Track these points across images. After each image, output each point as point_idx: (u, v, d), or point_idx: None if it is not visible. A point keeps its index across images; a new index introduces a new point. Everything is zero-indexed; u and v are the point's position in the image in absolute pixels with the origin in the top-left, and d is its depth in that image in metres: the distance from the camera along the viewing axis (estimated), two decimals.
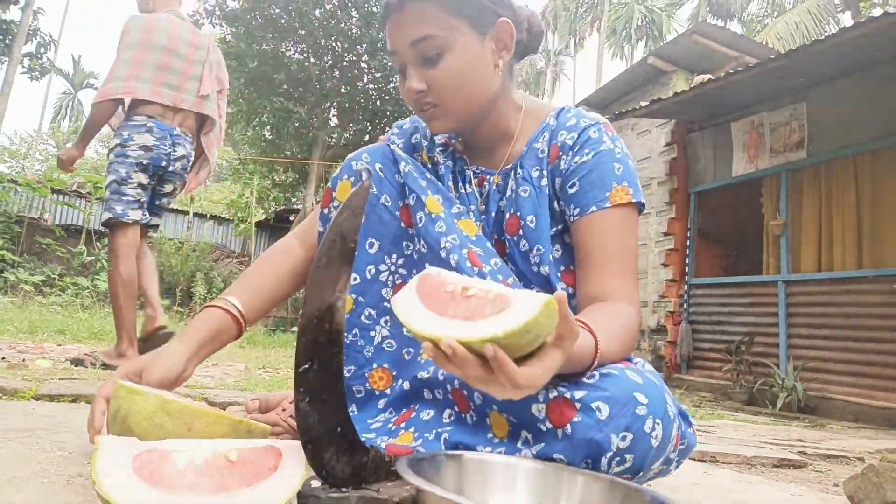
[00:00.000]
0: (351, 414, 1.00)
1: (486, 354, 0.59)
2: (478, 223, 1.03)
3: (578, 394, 0.75)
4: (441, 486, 0.61)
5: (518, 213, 1.01)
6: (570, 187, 0.98)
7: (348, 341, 1.01)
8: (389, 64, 13.53)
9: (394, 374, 1.00)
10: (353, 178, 1.05)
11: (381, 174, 1.03)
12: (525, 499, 0.72)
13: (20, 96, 73.15)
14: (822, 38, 4.47)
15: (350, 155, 1.08)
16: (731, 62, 6.97)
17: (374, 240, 1.02)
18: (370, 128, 14.53)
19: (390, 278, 1.02)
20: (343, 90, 13.75)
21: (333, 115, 14.79)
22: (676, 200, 6.61)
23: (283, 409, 1.10)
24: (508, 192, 1.04)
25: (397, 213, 1.02)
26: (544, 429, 0.77)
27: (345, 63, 13.94)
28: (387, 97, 14.06)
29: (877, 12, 4.52)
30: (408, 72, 0.98)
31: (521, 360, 0.62)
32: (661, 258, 6.69)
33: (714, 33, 7.20)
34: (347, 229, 0.68)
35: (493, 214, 1.05)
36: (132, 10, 3.15)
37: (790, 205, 5.51)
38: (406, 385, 0.98)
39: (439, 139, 1.13)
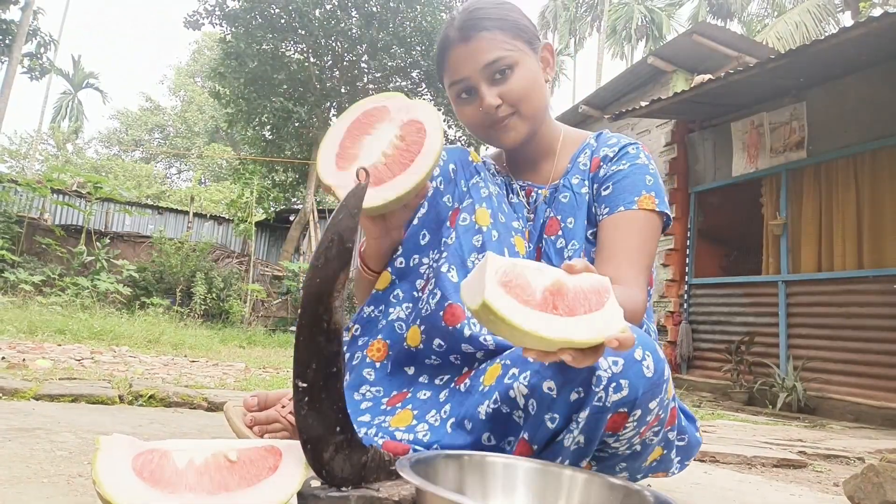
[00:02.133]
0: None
1: (611, 346, 0.66)
2: (524, 229, 1.12)
3: None
4: (441, 486, 0.61)
5: (559, 217, 1.11)
6: (605, 190, 1.09)
7: (373, 316, 1.05)
8: (390, 64, 13.54)
9: (389, 353, 1.03)
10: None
11: (451, 175, 1.09)
12: (525, 499, 0.72)
13: (20, 96, 73.17)
14: (822, 38, 4.46)
15: None
16: (731, 62, 6.96)
17: (427, 232, 1.06)
18: None
19: (427, 272, 1.05)
20: (343, 90, 13.75)
21: (333, 115, 14.78)
22: (676, 200, 6.61)
23: (283, 406, 1.11)
24: (555, 203, 1.14)
25: (449, 214, 1.06)
26: (532, 359, 0.79)
27: (345, 63, 13.93)
28: None
29: (877, 12, 4.51)
30: (481, 90, 1.07)
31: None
32: (661, 258, 6.69)
33: (714, 33, 7.19)
34: (345, 229, 0.68)
35: (541, 223, 1.14)
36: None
37: (790, 205, 5.51)
38: (393, 359, 1.02)
39: (489, 160, 1.22)
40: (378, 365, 1.02)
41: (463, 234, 1.02)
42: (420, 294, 1.03)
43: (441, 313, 0.96)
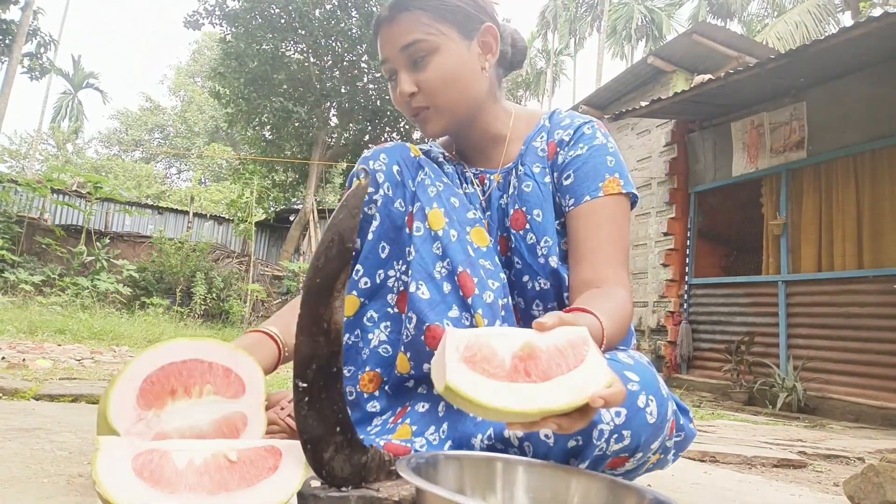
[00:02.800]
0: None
1: (594, 405, 0.59)
2: (484, 220, 1.06)
3: None
4: (441, 486, 0.61)
5: (524, 208, 1.04)
6: (566, 179, 1.03)
7: (350, 343, 1.01)
8: None
9: (384, 379, 1.00)
10: (361, 178, 1.05)
11: (398, 177, 1.04)
12: (525, 499, 0.72)
13: (20, 96, 73.23)
14: (822, 38, 4.46)
15: (366, 153, 1.08)
16: (731, 62, 6.96)
17: (385, 244, 1.02)
18: (370, 128, 14.52)
19: (396, 284, 1.02)
20: (343, 90, 13.74)
21: (333, 115, 14.78)
22: (676, 200, 6.61)
23: (282, 409, 1.10)
24: (511, 190, 1.07)
25: (406, 219, 1.02)
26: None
27: (345, 63, 13.92)
28: (387, 97, 14.04)
29: (877, 12, 4.51)
30: (399, 76, 1.02)
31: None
32: (661, 258, 6.69)
33: (714, 33, 7.19)
34: (345, 229, 0.68)
35: (496, 211, 1.08)
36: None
37: (790, 205, 5.51)
38: (391, 385, 1.00)
39: (439, 148, 1.15)
40: (378, 394, 1.00)
41: (421, 245, 0.97)
42: (395, 310, 1.00)
43: (422, 338, 0.92)
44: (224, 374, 0.78)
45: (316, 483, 0.67)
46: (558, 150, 1.05)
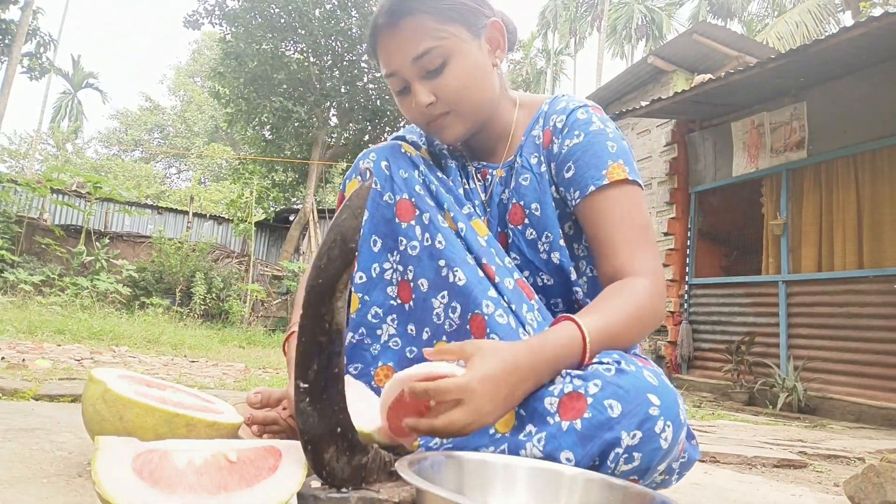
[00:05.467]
0: None
1: None
2: (482, 218, 1.04)
3: (592, 389, 0.75)
4: (441, 486, 0.61)
5: (521, 203, 1.01)
6: (567, 171, 0.98)
7: (356, 340, 1.01)
8: None
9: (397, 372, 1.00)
10: (359, 177, 1.05)
11: (386, 171, 1.02)
12: (525, 499, 0.72)
13: (20, 96, 73.22)
14: (822, 38, 4.46)
15: (360, 156, 1.08)
16: (731, 62, 6.97)
17: (377, 237, 1.01)
18: (370, 127, 14.52)
19: (394, 276, 1.01)
20: (343, 90, 13.74)
21: (333, 114, 14.78)
22: (676, 200, 6.61)
23: (284, 408, 1.10)
24: (512, 184, 1.04)
25: (394, 209, 1.01)
26: (552, 422, 0.76)
27: (345, 63, 13.93)
28: (387, 97, 14.05)
29: (877, 12, 4.51)
30: (413, 88, 0.97)
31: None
32: (661, 258, 6.68)
33: (714, 33, 7.20)
34: (348, 229, 0.67)
35: (497, 207, 1.05)
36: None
37: (790, 205, 5.51)
38: None
39: None
40: None
41: (447, 238, 0.97)
42: (398, 301, 1.00)
43: (468, 327, 0.92)
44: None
45: (316, 483, 0.67)
46: (553, 138, 1.01)
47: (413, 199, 1.00)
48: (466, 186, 1.08)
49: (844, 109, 5.04)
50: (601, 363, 0.78)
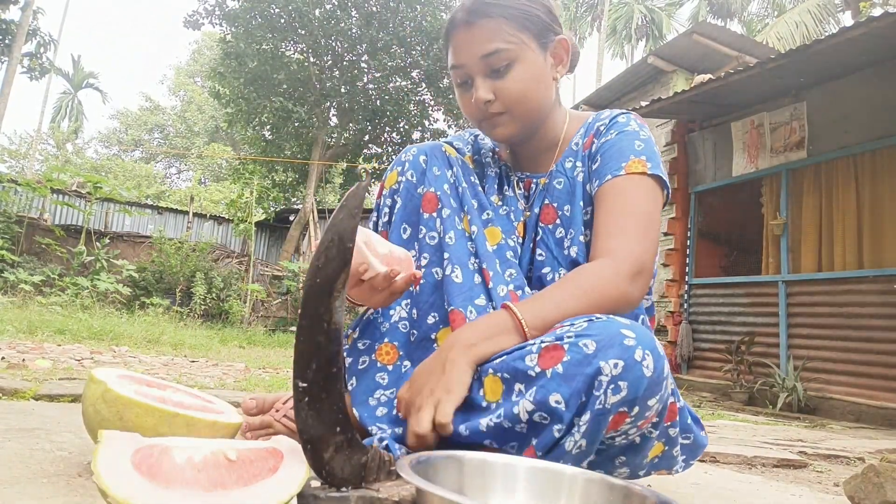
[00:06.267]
0: (350, 388, 1.01)
1: None
2: (517, 222, 1.09)
3: (567, 338, 0.78)
4: (441, 486, 0.61)
5: (555, 204, 1.08)
6: (594, 164, 1.05)
7: (371, 318, 1.05)
8: (389, 64, 13.54)
9: (400, 353, 1.02)
10: (399, 168, 1.11)
11: (423, 165, 1.09)
12: (525, 499, 0.72)
13: (20, 96, 73.28)
14: (822, 38, 4.46)
15: (402, 152, 1.15)
16: (731, 62, 6.97)
17: (407, 225, 1.07)
18: (370, 128, 14.53)
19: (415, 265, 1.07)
20: (343, 90, 13.74)
21: (333, 114, 14.79)
22: (676, 200, 6.61)
23: (276, 410, 1.10)
24: (550, 189, 1.11)
25: (421, 200, 1.07)
26: (536, 374, 0.78)
27: (345, 63, 13.93)
28: (387, 97, 14.06)
29: (877, 12, 4.51)
30: (476, 82, 1.03)
31: None
32: (661, 258, 6.68)
33: (714, 33, 7.20)
34: (345, 229, 0.67)
35: (537, 212, 1.10)
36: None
37: (790, 205, 5.51)
38: (408, 365, 1.01)
39: (488, 144, 1.19)
40: (391, 367, 1.01)
41: (458, 238, 1.03)
42: (414, 289, 1.04)
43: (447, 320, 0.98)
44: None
45: (316, 483, 0.67)
46: (594, 140, 1.08)
47: (438, 194, 1.05)
48: (507, 193, 1.13)
49: (844, 109, 5.04)
50: (573, 324, 0.81)
